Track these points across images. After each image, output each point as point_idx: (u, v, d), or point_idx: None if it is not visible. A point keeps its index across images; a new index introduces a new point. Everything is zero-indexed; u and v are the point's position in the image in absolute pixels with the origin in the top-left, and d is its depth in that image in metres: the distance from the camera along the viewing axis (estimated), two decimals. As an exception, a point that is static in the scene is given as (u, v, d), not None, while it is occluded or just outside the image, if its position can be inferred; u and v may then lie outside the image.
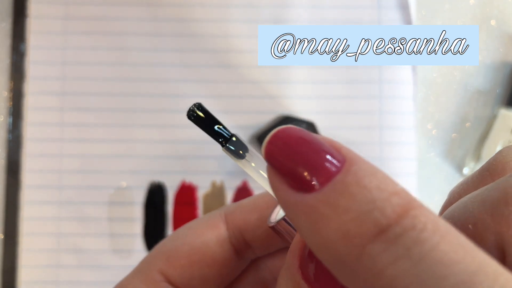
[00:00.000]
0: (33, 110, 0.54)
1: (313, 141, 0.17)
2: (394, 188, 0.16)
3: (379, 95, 0.56)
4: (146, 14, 0.56)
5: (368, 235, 0.15)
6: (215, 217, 0.27)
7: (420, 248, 0.14)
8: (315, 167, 0.17)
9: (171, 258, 0.26)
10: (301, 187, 0.17)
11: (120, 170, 0.54)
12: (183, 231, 0.27)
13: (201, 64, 0.56)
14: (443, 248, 0.14)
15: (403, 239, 0.15)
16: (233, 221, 0.27)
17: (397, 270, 0.14)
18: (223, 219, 0.27)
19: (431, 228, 0.15)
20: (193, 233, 0.26)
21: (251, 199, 0.27)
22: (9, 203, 0.53)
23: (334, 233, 0.15)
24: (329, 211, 0.16)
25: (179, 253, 0.26)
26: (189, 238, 0.26)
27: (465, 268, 0.14)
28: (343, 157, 0.17)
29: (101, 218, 0.54)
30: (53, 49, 0.55)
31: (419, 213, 0.15)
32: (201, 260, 0.26)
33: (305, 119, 0.54)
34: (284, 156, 0.17)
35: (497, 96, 0.57)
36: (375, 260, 0.15)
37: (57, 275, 0.53)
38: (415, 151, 0.55)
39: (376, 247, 0.15)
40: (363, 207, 0.15)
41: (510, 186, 0.17)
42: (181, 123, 0.55)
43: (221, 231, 0.27)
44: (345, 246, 0.15)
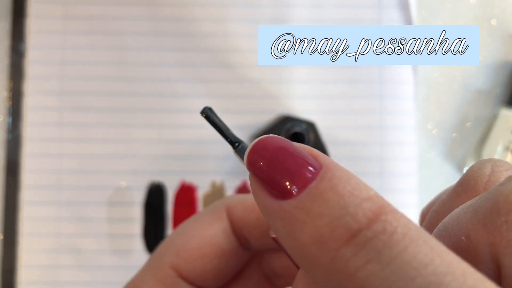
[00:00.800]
0: (33, 110, 0.54)
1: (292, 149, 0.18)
2: (367, 193, 0.16)
3: (380, 95, 0.56)
4: (145, 13, 0.56)
5: (340, 239, 0.16)
6: (220, 209, 0.27)
7: (390, 251, 0.15)
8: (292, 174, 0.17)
9: (181, 252, 0.26)
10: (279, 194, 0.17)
11: (119, 170, 0.54)
12: (190, 224, 0.27)
13: (201, 64, 0.56)
14: (412, 250, 0.15)
15: (373, 242, 0.15)
16: (234, 216, 0.27)
17: (368, 272, 0.15)
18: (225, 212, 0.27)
19: (401, 231, 0.15)
20: (200, 226, 0.27)
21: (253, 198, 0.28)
22: (8, 203, 0.53)
23: (308, 238, 0.16)
24: (304, 216, 0.16)
25: (189, 247, 0.26)
26: (198, 231, 0.27)
27: (433, 269, 0.14)
28: (320, 164, 0.17)
29: (101, 218, 0.54)
30: (53, 48, 0.55)
31: (390, 218, 0.16)
32: (211, 252, 0.26)
33: (305, 119, 0.54)
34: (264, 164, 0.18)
35: (498, 96, 0.57)
36: (347, 263, 0.15)
37: (57, 275, 0.53)
38: (415, 151, 0.55)
39: (348, 250, 0.15)
40: (336, 212, 0.16)
41: (501, 195, 0.17)
42: (181, 123, 0.55)
43: (227, 222, 0.27)
44: (319, 250, 0.16)
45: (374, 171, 0.55)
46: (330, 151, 0.54)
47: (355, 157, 0.55)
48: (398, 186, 0.55)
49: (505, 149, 0.53)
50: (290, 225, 0.17)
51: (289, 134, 0.53)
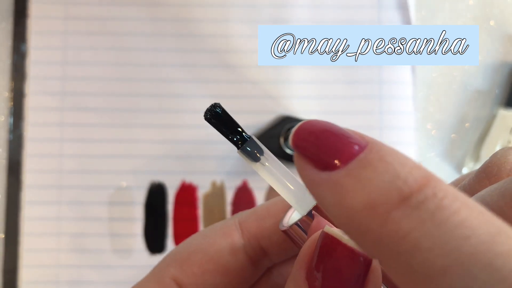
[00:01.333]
0: (34, 110, 0.54)
1: (338, 128, 0.18)
2: (414, 163, 0.17)
3: (379, 95, 0.56)
4: (146, 14, 0.56)
5: (392, 203, 0.16)
6: (229, 225, 0.27)
7: (442, 212, 0.15)
8: (339, 149, 0.18)
9: (184, 266, 0.26)
10: (326, 166, 0.17)
11: (120, 170, 0.54)
12: (197, 238, 0.27)
13: (201, 64, 0.56)
14: (464, 213, 0.15)
15: (425, 205, 0.15)
16: (248, 228, 0.26)
17: (420, 233, 0.15)
18: (237, 227, 0.27)
19: (451, 197, 0.16)
20: (207, 241, 0.26)
21: (265, 205, 0.27)
22: (10, 203, 0.53)
23: (359, 204, 0.16)
24: (354, 183, 0.17)
25: (193, 261, 0.26)
26: (203, 246, 0.26)
27: (486, 230, 0.15)
28: (366, 141, 0.18)
29: (102, 218, 0.54)
30: (54, 49, 0.55)
31: (439, 184, 0.16)
32: (214, 269, 0.26)
33: (305, 119, 0.54)
34: (310, 141, 0.18)
35: (496, 96, 0.57)
36: (399, 225, 0.16)
37: (58, 275, 0.53)
38: (414, 151, 0.55)
39: (400, 213, 0.16)
40: (386, 177, 0.16)
41: None
42: (182, 123, 0.55)
43: (235, 239, 0.26)
44: (369, 215, 0.16)
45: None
46: (330, 151, 0.54)
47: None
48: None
49: (503, 149, 0.54)
50: (339, 194, 0.17)
51: (288, 134, 0.53)
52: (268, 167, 0.23)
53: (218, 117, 0.23)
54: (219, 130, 0.23)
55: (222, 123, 0.23)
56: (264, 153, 0.23)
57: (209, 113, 0.23)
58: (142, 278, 0.27)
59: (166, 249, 0.54)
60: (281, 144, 0.53)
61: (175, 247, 0.27)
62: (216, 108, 0.23)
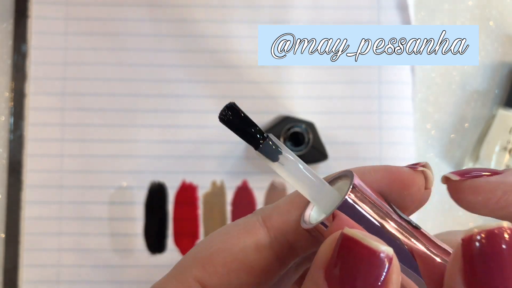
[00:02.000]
0: (35, 110, 0.55)
1: None
2: None
3: (379, 95, 0.56)
4: (146, 14, 0.56)
5: None
6: (252, 222, 0.26)
7: None
8: None
9: (207, 266, 0.25)
10: None
11: (121, 170, 0.54)
12: (218, 236, 0.26)
13: (201, 64, 0.56)
14: None
15: None
16: (273, 224, 0.26)
17: None
18: (261, 224, 0.26)
19: None
20: (229, 239, 0.26)
21: (287, 199, 0.26)
22: (10, 202, 0.53)
23: None
24: None
25: (216, 261, 0.25)
26: (226, 244, 0.25)
27: None
28: None
29: (102, 218, 0.54)
30: (55, 49, 0.55)
31: None
32: (239, 268, 0.25)
33: (305, 119, 0.54)
34: None
35: (496, 96, 0.57)
36: None
37: (58, 274, 0.53)
38: (414, 151, 0.56)
39: None
40: None
41: None
42: (182, 123, 0.55)
43: (260, 236, 0.26)
44: None
45: (373, 171, 0.55)
46: (329, 151, 0.54)
47: (354, 157, 0.55)
48: (397, 186, 0.55)
49: (502, 150, 0.54)
50: None
51: (288, 134, 0.53)
52: (288, 166, 0.23)
53: (234, 117, 0.22)
54: (235, 131, 0.22)
55: (238, 123, 0.22)
56: (283, 152, 0.23)
57: (224, 113, 0.22)
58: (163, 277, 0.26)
59: (166, 249, 0.54)
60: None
61: (195, 246, 0.26)
62: (232, 108, 0.22)
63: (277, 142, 0.22)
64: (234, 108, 0.22)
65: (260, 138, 0.22)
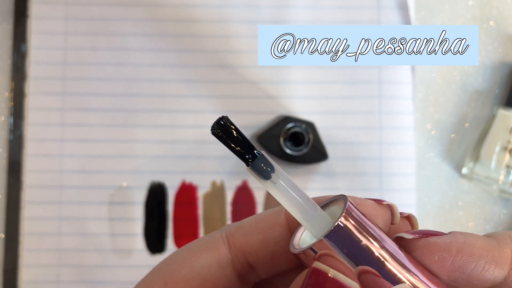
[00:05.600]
0: (34, 110, 0.55)
1: None
2: None
3: (379, 95, 0.56)
4: (146, 14, 0.56)
5: None
6: (215, 239, 0.26)
7: None
8: None
9: (169, 283, 0.25)
10: None
11: (120, 170, 0.54)
12: (181, 253, 0.26)
13: (201, 64, 0.56)
14: None
15: None
16: (235, 243, 0.25)
17: None
18: (224, 241, 0.25)
19: None
20: (191, 256, 0.25)
21: (252, 219, 0.26)
22: (10, 203, 0.53)
23: None
24: None
25: (177, 277, 0.25)
26: (188, 261, 0.25)
27: None
28: None
29: (102, 218, 0.54)
30: (54, 49, 0.55)
31: None
32: (201, 284, 0.25)
33: (305, 119, 0.54)
34: None
35: (496, 96, 0.57)
36: None
37: (58, 274, 0.53)
38: (414, 151, 0.56)
39: None
40: None
41: None
42: (182, 124, 0.55)
43: (222, 254, 0.25)
44: None
45: (373, 171, 0.55)
46: (329, 151, 0.54)
47: (354, 157, 0.55)
48: (396, 186, 0.55)
49: (503, 149, 0.54)
50: None
51: (288, 134, 0.53)
52: (279, 185, 0.22)
53: (226, 131, 0.22)
54: (227, 145, 0.22)
55: (230, 138, 0.22)
56: (275, 171, 0.22)
57: (216, 127, 0.22)
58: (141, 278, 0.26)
59: (166, 249, 0.54)
60: (281, 144, 0.53)
61: (159, 263, 0.26)
62: (224, 122, 0.22)
63: (270, 161, 0.22)
64: (226, 123, 0.22)
65: (252, 155, 0.22)
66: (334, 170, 0.55)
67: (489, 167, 0.54)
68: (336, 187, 0.55)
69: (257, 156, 0.22)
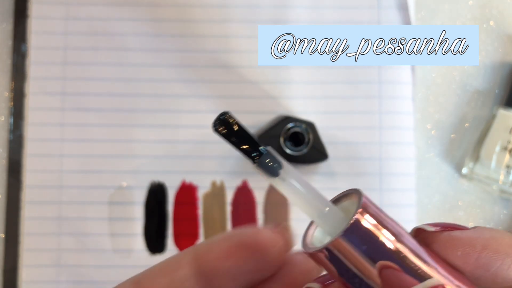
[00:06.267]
0: (34, 110, 0.55)
1: None
2: None
3: (379, 95, 0.56)
4: (146, 14, 0.56)
5: None
6: (180, 259, 0.25)
7: None
8: None
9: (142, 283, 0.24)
10: None
11: (120, 170, 0.54)
12: (149, 269, 0.25)
13: (201, 64, 0.56)
14: None
15: None
16: (205, 264, 0.24)
17: None
18: (189, 261, 0.24)
19: None
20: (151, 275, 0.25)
21: (221, 243, 0.25)
22: (10, 203, 0.53)
23: None
24: None
25: None
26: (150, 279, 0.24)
27: None
28: None
29: (102, 218, 0.54)
30: (54, 49, 0.55)
31: None
32: None
33: (305, 119, 0.54)
34: None
35: (496, 96, 0.57)
36: None
37: (58, 274, 0.53)
38: (414, 151, 0.56)
39: None
40: None
41: None
42: (182, 124, 0.55)
43: (184, 272, 0.24)
44: None
45: (373, 171, 0.55)
46: (329, 151, 0.54)
47: (354, 157, 0.55)
48: (396, 186, 0.55)
49: (503, 149, 0.54)
50: None
51: (288, 134, 0.53)
52: (289, 182, 0.21)
53: (228, 128, 0.21)
54: (230, 142, 0.21)
55: (234, 134, 0.21)
56: (283, 167, 0.21)
57: (218, 123, 0.21)
58: None
59: (166, 249, 0.54)
60: (281, 144, 0.53)
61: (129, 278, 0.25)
62: (226, 117, 0.21)
63: (277, 157, 0.21)
64: (228, 119, 0.21)
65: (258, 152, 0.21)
66: (334, 170, 0.55)
67: (489, 167, 0.54)
68: (336, 187, 0.55)
69: (263, 153, 0.21)
